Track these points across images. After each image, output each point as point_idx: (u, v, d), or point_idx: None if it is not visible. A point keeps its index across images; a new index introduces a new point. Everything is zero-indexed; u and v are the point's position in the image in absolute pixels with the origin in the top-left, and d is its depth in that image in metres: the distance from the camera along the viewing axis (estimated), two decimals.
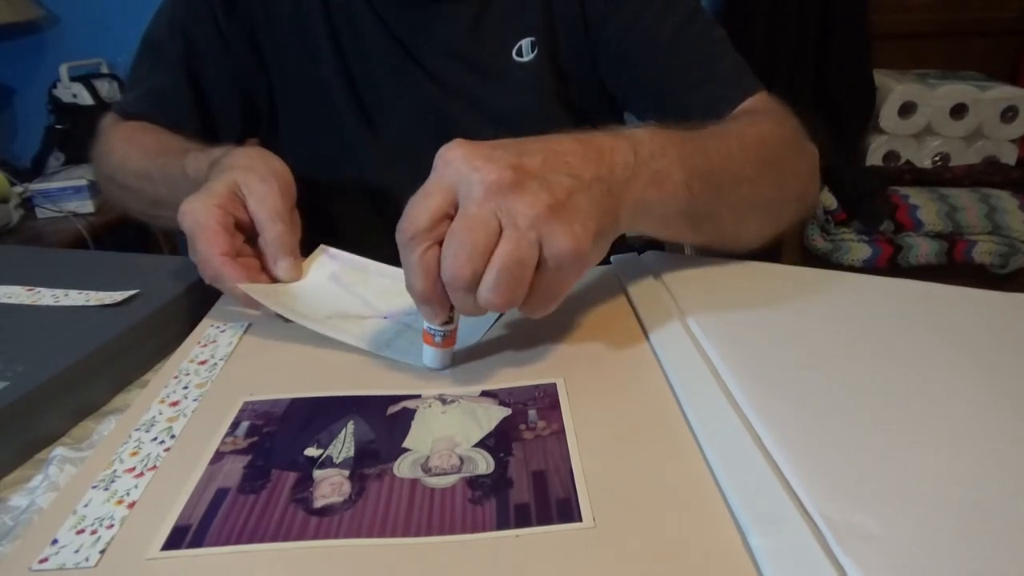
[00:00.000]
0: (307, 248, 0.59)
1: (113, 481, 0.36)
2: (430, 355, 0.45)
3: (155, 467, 0.37)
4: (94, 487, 0.36)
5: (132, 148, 0.71)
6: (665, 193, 0.46)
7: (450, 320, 0.44)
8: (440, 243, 0.40)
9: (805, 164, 0.63)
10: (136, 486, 0.36)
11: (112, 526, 0.33)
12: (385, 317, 0.52)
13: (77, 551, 0.32)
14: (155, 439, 0.40)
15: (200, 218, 0.51)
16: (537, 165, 0.40)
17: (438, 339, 0.44)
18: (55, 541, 0.33)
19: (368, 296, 0.54)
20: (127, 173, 0.70)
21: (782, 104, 0.66)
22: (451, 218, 0.39)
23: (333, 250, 0.58)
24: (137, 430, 0.41)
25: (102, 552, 0.32)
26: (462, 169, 0.39)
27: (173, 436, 0.40)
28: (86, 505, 0.35)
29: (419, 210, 0.39)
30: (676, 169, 0.47)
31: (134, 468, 0.37)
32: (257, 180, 0.53)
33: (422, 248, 0.40)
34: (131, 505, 0.35)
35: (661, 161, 0.46)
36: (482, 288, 0.39)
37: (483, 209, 0.38)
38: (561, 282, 0.41)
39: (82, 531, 0.33)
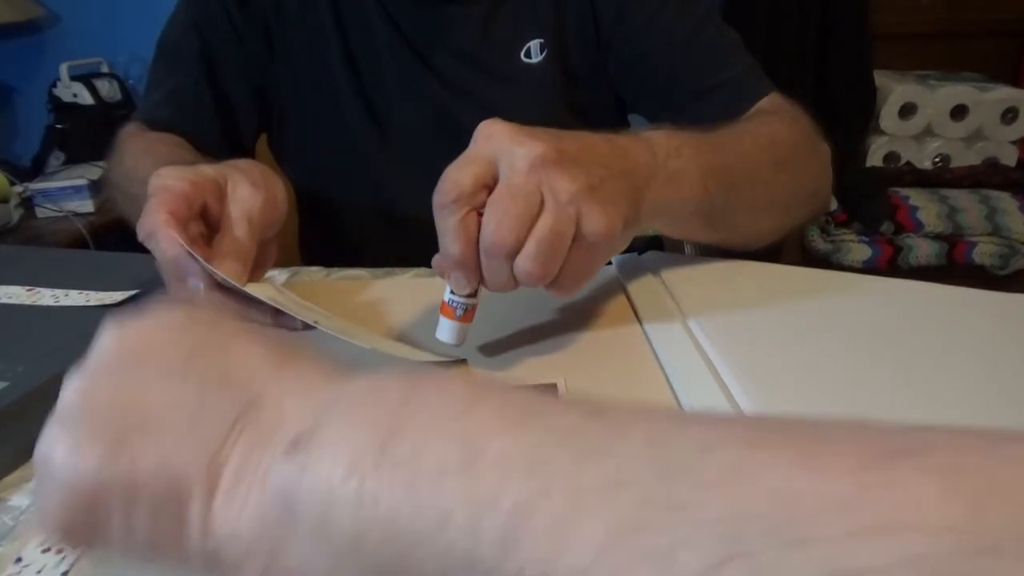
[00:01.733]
0: (304, 251, 0.59)
1: None
2: (447, 328, 0.44)
3: None
4: None
5: (148, 158, 0.70)
6: (682, 192, 0.46)
7: (474, 294, 0.43)
8: (478, 211, 0.40)
9: (818, 162, 0.63)
10: None
11: None
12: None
13: (39, 572, 0.31)
14: None
15: (169, 182, 0.47)
16: (574, 150, 0.40)
17: (459, 312, 0.43)
18: (19, 560, 0.32)
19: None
20: (135, 182, 0.70)
21: (795, 104, 0.66)
22: (489, 189, 0.40)
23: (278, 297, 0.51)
24: None
25: (64, 574, 0.31)
26: (505, 143, 0.39)
27: None
28: None
29: (462, 174, 0.39)
30: (692, 168, 0.47)
31: None
32: (247, 183, 0.50)
33: (464, 211, 0.39)
34: None
35: (677, 161, 0.46)
36: (521, 257, 0.39)
37: (528, 181, 0.39)
38: (591, 262, 0.42)
39: (47, 550, 0.33)
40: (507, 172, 0.39)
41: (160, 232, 0.45)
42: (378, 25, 0.73)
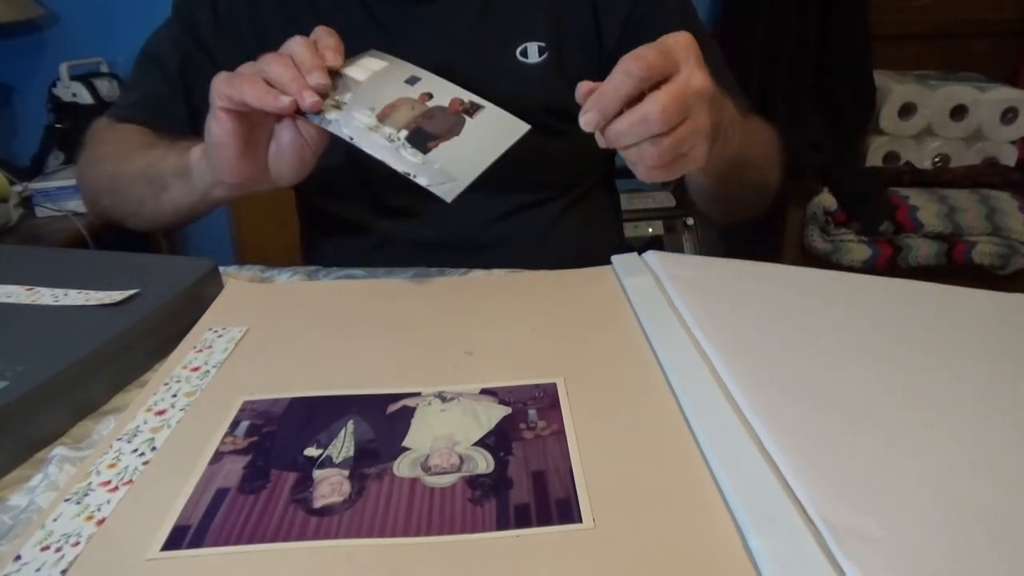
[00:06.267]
0: (304, 251, 0.59)
1: (86, 495, 0.36)
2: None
3: (131, 481, 0.37)
4: (67, 500, 0.36)
5: (136, 140, 0.71)
6: (727, 150, 0.58)
7: None
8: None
9: (779, 170, 0.76)
10: (108, 501, 0.36)
11: (78, 544, 0.33)
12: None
13: (38, 570, 0.31)
14: (135, 451, 0.39)
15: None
16: (717, 97, 0.50)
17: None
18: (18, 557, 0.32)
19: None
20: (131, 162, 0.69)
21: (773, 126, 0.77)
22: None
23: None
24: (119, 439, 0.40)
25: (63, 572, 0.31)
26: (693, 60, 0.48)
27: (154, 448, 0.39)
28: (56, 519, 0.34)
29: (656, 59, 0.47)
30: (736, 137, 0.58)
31: (109, 481, 0.37)
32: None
33: (637, 81, 0.47)
34: (100, 522, 0.34)
35: (732, 128, 0.57)
36: (658, 140, 0.47)
37: (692, 96, 0.47)
38: (677, 169, 0.50)
39: (47, 548, 0.33)
40: (685, 78, 0.47)
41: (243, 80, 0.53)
42: (361, 23, 0.72)
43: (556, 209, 0.78)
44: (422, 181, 0.53)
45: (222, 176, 0.58)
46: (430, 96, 0.58)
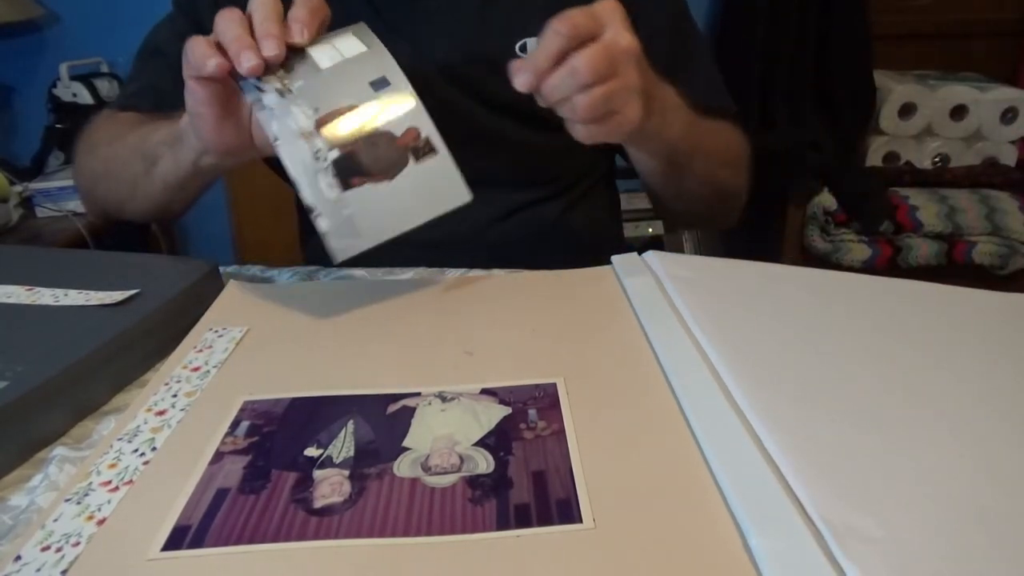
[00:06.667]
0: (303, 248, 0.58)
1: (87, 495, 0.36)
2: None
3: (131, 481, 0.37)
4: (67, 500, 0.36)
5: (133, 120, 0.70)
6: (671, 131, 0.60)
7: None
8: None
9: (743, 180, 0.77)
10: (109, 501, 0.36)
11: (78, 544, 0.33)
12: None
13: (38, 570, 0.31)
14: (136, 451, 0.39)
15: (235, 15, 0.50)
16: (644, 60, 0.53)
17: None
18: (18, 558, 0.32)
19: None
20: (125, 140, 0.68)
21: (742, 133, 0.79)
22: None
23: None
24: (119, 439, 0.40)
25: (64, 572, 0.31)
26: (619, 22, 0.50)
27: (154, 448, 0.40)
28: (56, 519, 0.34)
29: (583, 20, 0.49)
30: (682, 120, 0.61)
31: (110, 481, 0.37)
32: None
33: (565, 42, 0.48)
34: (101, 522, 0.34)
35: (675, 113, 0.60)
36: (588, 89, 0.49)
37: (620, 54, 0.49)
38: (611, 130, 0.52)
39: (47, 548, 0.33)
40: (611, 36, 0.49)
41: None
42: (362, 14, 0.72)
43: (556, 208, 0.78)
44: (322, 224, 0.47)
45: (205, 145, 0.56)
46: (387, 111, 0.49)
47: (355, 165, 0.47)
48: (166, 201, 0.68)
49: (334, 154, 0.47)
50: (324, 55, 0.50)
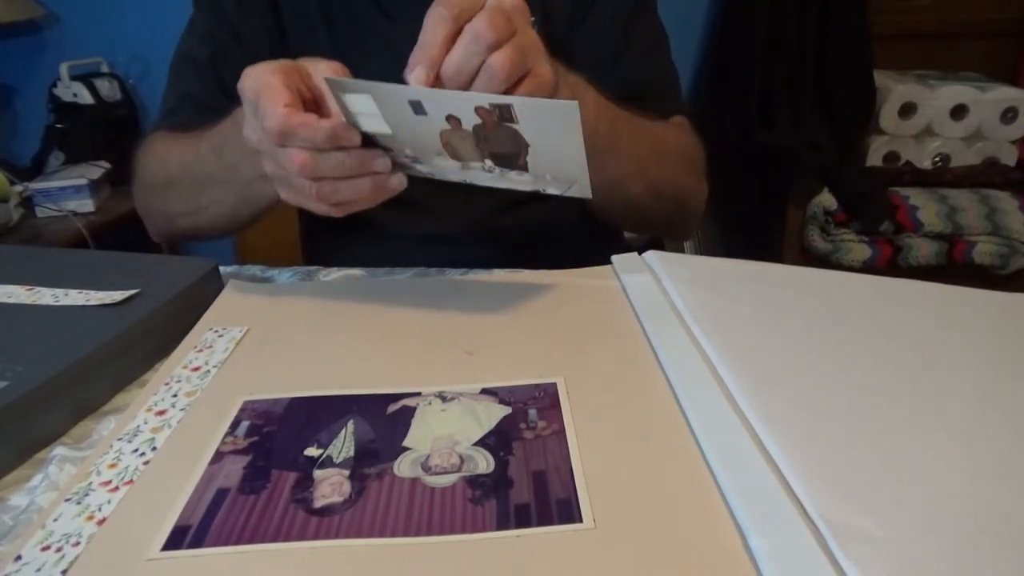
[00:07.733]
0: (303, 245, 0.58)
1: (87, 495, 0.36)
2: None
3: (131, 481, 0.37)
4: (67, 500, 0.36)
5: (175, 141, 0.70)
6: (585, 106, 0.55)
7: None
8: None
9: (693, 179, 0.75)
10: (109, 501, 0.36)
11: (78, 544, 0.33)
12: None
13: (39, 570, 0.31)
14: (136, 451, 0.39)
15: (264, 78, 0.49)
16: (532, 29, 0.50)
17: None
18: (19, 557, 0.32)
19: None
20: (171, 164, 0.68)
21: (696, 136, 0.77)
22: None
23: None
24: (120, 439, 0.40)
25: (64, 572, 0.31)
26: None
27: (154, 448, 0.40)
28: (56, 519, 0.34)
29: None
30: (592, 104, 0.57)
31: (110, 481, 0.37)
32: (323, 61, 0.52)
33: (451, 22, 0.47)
34: (101, 522, 0.34)
35: (586, 93, 0.57)
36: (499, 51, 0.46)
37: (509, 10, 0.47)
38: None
39: (47, 548, 0.33)
40: (495, 1, 0.47)
41: (292, 121, 0.47)
42: (363, 7, 0.73)
43: (557, 205, 0.78)
44: (552, 190, 0.49)
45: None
46: (455, 118, 0.48)
47: (506, 157, 0.48)
48: (230, 215, 0.68)
49: (488, 163, 0.49)
50: (371, 124, 0.49)
